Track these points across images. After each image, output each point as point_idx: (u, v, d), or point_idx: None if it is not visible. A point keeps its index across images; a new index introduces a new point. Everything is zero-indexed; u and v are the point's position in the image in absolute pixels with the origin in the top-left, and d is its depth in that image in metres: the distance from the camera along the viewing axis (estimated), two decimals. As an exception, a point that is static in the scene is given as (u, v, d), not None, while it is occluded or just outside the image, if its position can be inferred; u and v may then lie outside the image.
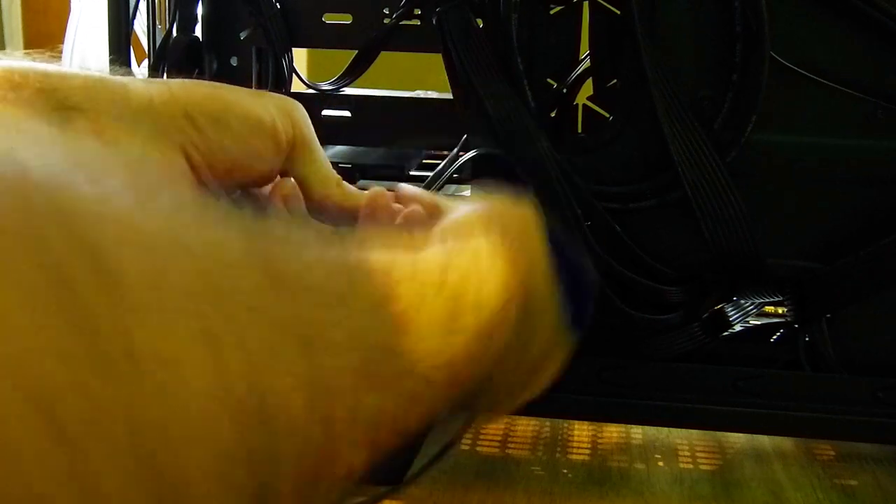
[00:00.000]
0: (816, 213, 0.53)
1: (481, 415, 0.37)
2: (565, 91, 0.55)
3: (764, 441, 0.59)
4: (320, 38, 0.60)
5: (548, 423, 0.61)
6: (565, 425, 0.61)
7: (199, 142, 0.36)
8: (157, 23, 0.61)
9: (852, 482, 0.55)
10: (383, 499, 0.48)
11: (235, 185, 0.39)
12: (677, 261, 0.54)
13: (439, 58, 0.53)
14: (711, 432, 0.60)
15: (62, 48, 0.80)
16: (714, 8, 0.51)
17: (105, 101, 0.35)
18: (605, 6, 0.52)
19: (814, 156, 0.52)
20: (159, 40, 0.60)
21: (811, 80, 0.51)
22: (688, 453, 0.58)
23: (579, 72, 0.54)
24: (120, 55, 0.58)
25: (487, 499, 0.52)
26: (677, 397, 0.54)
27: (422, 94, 0.63)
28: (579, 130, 0.54)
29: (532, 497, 0.52)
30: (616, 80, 0.53)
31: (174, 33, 0.60)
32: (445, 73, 0.54)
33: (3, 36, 1.37)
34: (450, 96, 0.55)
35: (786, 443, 0.59)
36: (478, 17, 0.53)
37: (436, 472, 0.49)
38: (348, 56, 0.60)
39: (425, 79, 0.63)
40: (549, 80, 0.54)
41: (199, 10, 0.61)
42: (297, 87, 0.61)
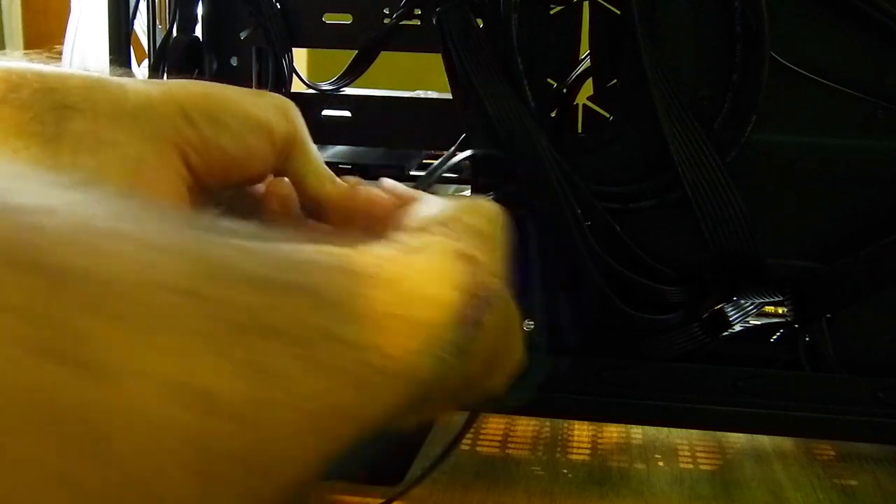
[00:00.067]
0: (816, 213, 0.53)
1: (445, 409, 0.37)
2: (565, 91, 0.55)
3: (764, 441, 0.59)
4: (320, 38, 0.60)
5: (548, 423, 0.61)
6: (565, 425, 0.61)
7: (196, 140, 0.37)
8: (157, 23, 0.61)
9: (852, 482, 0.55)
10: (391, 503, 0.48)
11: (231, 184, 0.39)
12: (677, 261, 0.54)
13: (439, 58, 0.53)
14: (711, 432, 0.60)
15: (62, 48, 0.80)
16: (714, 8, 0.51)
17: (102, 101, 0.35)
18: (605, 6, 0.52)
19: (814, 156, 0.52)
20: (159, 40, 0.60)
21: (811, 80, 0.51)
22: (688, 453, 0.58)
23: (579, 72, 0.54)
24: (120, 55, 0.58)
25: (487, 499, 0.52)
26: (677, 397, 0.54)
27: (422, 94, 0.63)
28: (579, 130, 0.54)
29: (532, 497, 0.52)
30: (616, 80, 0.53)
31: (174, 33, 0.60)
32: (445, 73, 0.54)
33: (3, 36, 1.37)
34: (450, 96, 0.55)
35: (786, 443, 0.59)
36: (478, 17, 0.53)
37: (436, 472, 0.49)
38: (348, 56, 0.60)
39: (425, 79, 0.63)
40: (549, 80, 0.54)
41: (199, 10, 0.61)
42: (297, 87, 0.61)
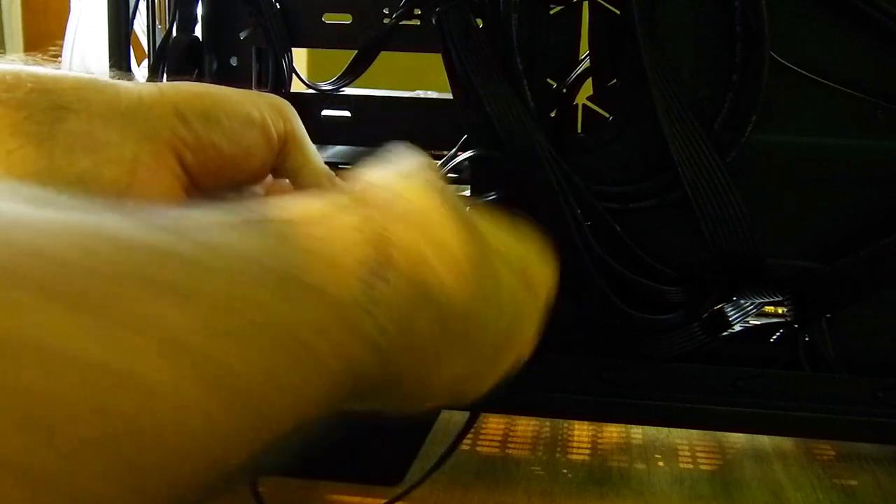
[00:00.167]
0: (816, 213, 0.53)
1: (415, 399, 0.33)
2: (565, 91, 0.55)
3: (764, 441, 0.59)
4: (320, 38, 0.60)
5: (548, 423, 0.61)
6: (565, 425, 0.61)
7: (190, 139, 0.36)
8: (157, 23, 0.61)
9: (852, 482, 0.55)
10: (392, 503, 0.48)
11: (228, 184, 0.39)
12: (677, 261, 0.54)
13: (439, 58, 0.53)
14: (711, 432, 0.60)
15: (62, 48, 0.80)
16: (714, 8, 0.51)
17: (96, 102, 0.35)
18: (605, 6, 0.52)
19: (814, 156, 0.52)
20: (159, 40, 0.60)
21: (811, 80, 0.51)
22: (688, 453, 0.58)
23: (579, 72, 0.54)
24: (120, 55, 0.58)
25: (487, 499, 0.52)
26: (677, 397, 0.54)
27: (422, 94, 0.63)
28: (579, 130, 0.54)
29: (532, 497, 0.52)
30: (616, 80, 0.53)
31: (174, 33, 0.60)
32: (445, 73, 0.54)
33: (3, 36, 1.37)
34: (450, 96, 0.55)
35: (786, 443, 0.59)
36: (478, 17, 0.53)
37: (436, 473, 0.49)
38: (348, 56, 0.60)
39: (425, 79, 0.63)
40: (549, 80, 0.54)
41: (199, 10, 0.61)
42: (297, 87, 0.61)
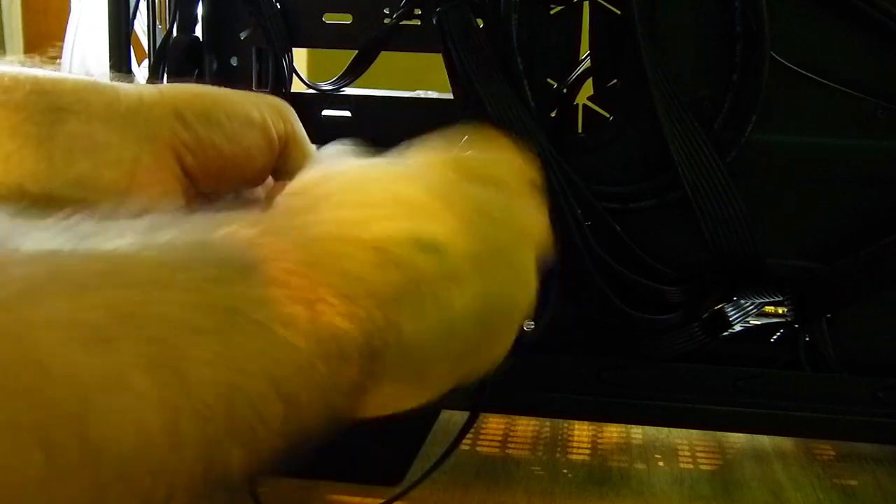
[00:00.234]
0: (816, 213, 0.53)
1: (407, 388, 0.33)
2: (565, 91, 0.55)
3: (764, 441, 0.59)
4: (320, 38, 0.60)
5: (548, 423, 0.61)
6: (565, 425, 0.61)
7: (191, 141, 0.36)
8: (157, 23, 0.61)
9: (852, 482, 0.55)
10: (392, 503, 0.48)
11: (229, 186, 0.39)
12: (677, 261, 0.54)
13: (439, 58, 0.53)
14: (711, 432, 0.60)
15: (62, 48, 0.80)
16: (714, 8, 0.51)
17: (96, 103, 0.35)
18: (605, 6, 0.52)
19: (814, 156, 0.52)
20: (159, 40, 0.60)
21: (811, 80, 0.51)
22: (688, 453, 0.58)
23: (579, 72, 0.54)
24: (120, 55, 0.58)
25: (487, 499, 0.52)
26: (677, 397, 0.54)
27: (422, 94, 0.63)
28: (579, 130, 0.54)
29: (532, 497, 0.52)
30: (616, 80, 0.53)
31: (174, 33, 0.60)
32: (445, 73, 0.54)
33: (3, 36, 1.36)
34: (450, 96, 0.55)
35: (786, 443, 0.59)
36: (478, 17, 0.53)
37: (436, 473, 0.49)
38: (348, 56, 0.60)
39: (425, 79, 0.63)
40: (549, 80, 0.54)
41: (199, 10, 0.61)
42: (297, 87, 0.61)
